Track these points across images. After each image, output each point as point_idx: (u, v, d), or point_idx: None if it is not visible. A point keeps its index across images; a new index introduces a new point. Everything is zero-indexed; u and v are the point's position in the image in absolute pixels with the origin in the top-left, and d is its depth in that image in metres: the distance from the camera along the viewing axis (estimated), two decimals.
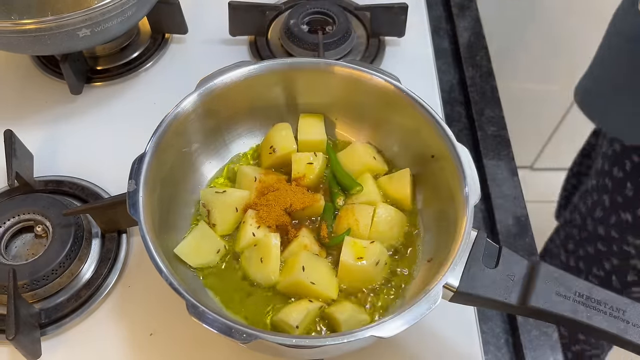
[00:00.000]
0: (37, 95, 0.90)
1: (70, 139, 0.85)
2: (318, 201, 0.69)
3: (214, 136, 0.73)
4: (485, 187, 0.86)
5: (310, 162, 0.72)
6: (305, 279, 0.62)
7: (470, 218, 0.58)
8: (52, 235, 0.69)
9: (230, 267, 0.67)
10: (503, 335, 0.74)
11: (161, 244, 0.59)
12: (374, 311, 0.64)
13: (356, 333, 0.51)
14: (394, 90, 0.69)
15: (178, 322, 0.67)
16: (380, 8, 0.94)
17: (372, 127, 0.76)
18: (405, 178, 0.71)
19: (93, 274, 0.70)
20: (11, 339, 0.59)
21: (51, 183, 0.78)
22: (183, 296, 0.53)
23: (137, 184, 0.60)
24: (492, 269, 0.56)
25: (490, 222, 0.83)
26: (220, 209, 0.68)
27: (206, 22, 0.99)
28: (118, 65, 0.93)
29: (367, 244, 0.65)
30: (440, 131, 0.65)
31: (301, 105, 0.76)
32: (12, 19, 0.81)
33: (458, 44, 1.04)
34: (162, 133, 0.64)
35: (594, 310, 0.53)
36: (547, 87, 1.80)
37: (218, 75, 0.69)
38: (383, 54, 0.95)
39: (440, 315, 0.63)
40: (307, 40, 0.91)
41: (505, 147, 0.91)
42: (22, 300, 0.64)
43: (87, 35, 0.76)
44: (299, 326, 0.60)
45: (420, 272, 0.66)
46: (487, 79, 0.99)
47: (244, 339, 0.51)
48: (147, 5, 0.83)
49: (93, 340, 0.67)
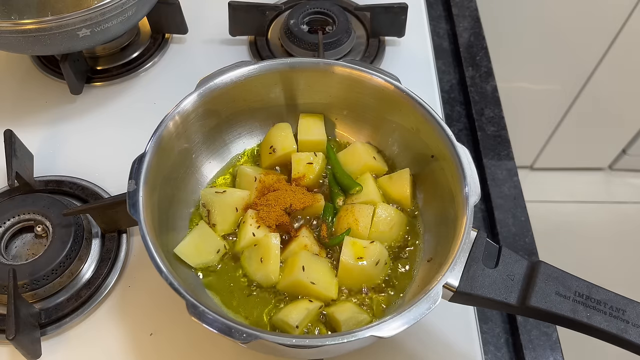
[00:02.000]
0: (37, 95, 0.90)
1: (70, 139, 0.85)
2: (318, 201, 0.69)
3: (214, 136, 0.73)
4: (485, 187, 0.86)
5: (310, 162, 0.72)
6: (305, 279, 0.62)
7: (470, 218, 0.58)
8: (52, 235, 0.69)
9: (230, 267, 0.67)
10: (503, 335, 0.74)
11: (161, 244, 0.59)
12: (374, 311, 0.64)
13: (356, 333, 0.51)
14: (394, 90, 0.69)
15: (178, 322, 0.67)
16: (380, 8, 0.94)
17: (372, 127, 0.76)
18: (405, 178, 0.71)
19: (93, 273, 0.70)
20: (11, 339, 0.59)
21: (51, 183, 0.78)
22: (183, 296, 0.53)
23: (137, 184, 0.60)
24: (492, 269, 0.56)
25: (490, 222, 0.83)
26: (220, 209, 0.68)
27: (206, 22, 0.99)
28: (118, 65, 0.93)
29: (367, 244, 0.65)
30: (440, 131, 0.65)
31: (301, 105, 0.76)
32: (12, 19, 0.81)
33: (458, 44, 1.04)
34: (162, 133, 0.64)
35: (593, 310, 0.53)
36: (547, 87, 1.79)
37: (218, 75, 0.69)
38: (383, 54, 0.95)
39: (440, 315, 0.63)
40: (307, 40, 0.91)
41: (505, 147, 0.91)
42: (22, 300, 0.64)
43: (87, 35, 0.76)
44: (298, 326, 0.60)
45: (420, 272, 0.66)
46: (487, 79, 0.99)
47: (244, 339, 0.51)
48: (147, 5, 0.83)
49: (93, 340, 0.67)
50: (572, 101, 1.83)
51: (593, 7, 1.53)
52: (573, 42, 1.63)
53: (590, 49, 1.66)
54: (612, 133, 2.00)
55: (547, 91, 1.81)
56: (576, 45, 1.64)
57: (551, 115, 1.90)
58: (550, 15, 1.56)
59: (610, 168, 2.20)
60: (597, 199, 2.17)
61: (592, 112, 1.87)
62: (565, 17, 1.56)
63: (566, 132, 1.94)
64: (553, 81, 1.77)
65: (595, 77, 1.73)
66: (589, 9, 1.53)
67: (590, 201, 2.16)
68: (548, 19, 1.57)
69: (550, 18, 1.57)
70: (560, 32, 1.60)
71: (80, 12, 0.73)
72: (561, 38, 1.62)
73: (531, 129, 1.94)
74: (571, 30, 1.60)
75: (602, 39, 1.63)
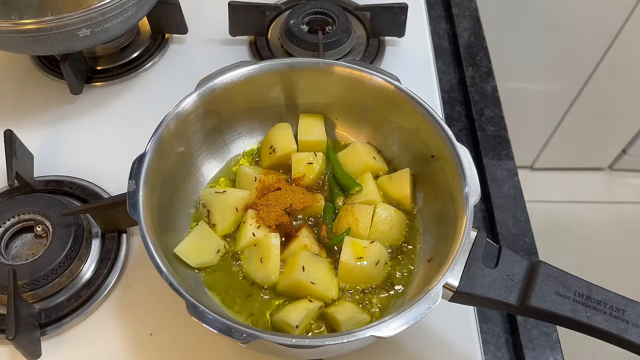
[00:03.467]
0: (37, 95, 0.90)
1: (70, 139, 0.85)
2: (318, 201, 0.69)
3: (214, 136, 0.73)
4: (485, 187, 0.86)
5: (310, 162, 0.72)
6: (305, 279, 0.62)
7: (470, 218, 0.58)
8: (52, 235, 0.69)
9: (230, 267, 0.67)
10: (503, 335, 0.74)
11: (161, 244, 0.59)
12: (374, 311, 0.64)
13: (356, 333, 0.51)
14: (394, 90, 0.69)
15: (178, 322, 0.67)
16: (380, 8, 0.94)
17: (372, 127, 0.76)
18: (405, 178, 0.71)
19: (93, 273, 0.70)
20: (11, 339, 0.59)
21: (51, 183, 0.78)
22: (183, 296, 0.53)
23: (137, 184, 0.60)
24: (492, 269, 0.56)
25: (490, 222, 0.83)
26: (220, 209, 0.68)
27: (206, 22, 0.99)
28: (118, 65, 0.93)
29: (367, 244, 0.65)
30: (440, 131, 0.65)
31: (301, 105, 0.76)
32: (12, 19, 0.81)
33: (458, 44, 1.04)
34: (162, 133, 0.64)
35: (593, 310, 0.53)
36: (547, 87, 1.79)
37: (218, 75, 0.69)
38: (383, 54, 0.95)
39: (440, 315, 0.63)
40: (307, 40, 0.91)
41: (505, 147, 0.91)
42: (22, 300, 0.64)
43: (87, 35, 0.76)
44: (298, 326, 0.60)
45: (420, 272, 0.66)
46: (487, 79, 0.99)
47: (244, 338, 0.51)
48: (147, 5, 0.83)
49: (93, 340, 0.67)
50: (572, 101, 1.83)
51: (593, 7, 1.53)
52: (573, 42, 1.63)
53: (590, 49, 1.66)
54: (612, 133, 2.00)
55: (547, 91, 1.81)
56: (576, 45, 1.64)
57: (551, 115, 1.90)
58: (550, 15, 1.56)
59: (610, 168, 2.20)
60: (597, 199, 2.17)
61: (592, 112, 1.87)
62: (565, 17, 1.56)
63: (566, 132, 1.94)
64: (553, 81, 1.77)
65: (595, 77, 1.73)
66: (589, 8, 1.53)
67: (590, 201, 2.16)
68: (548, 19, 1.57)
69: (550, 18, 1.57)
70: (560, 32, 1.61)
71: (80, 12, 0.73)
72: (561, 38, 1.62)
73: (531, 129, 1.94)
74: (571, 30, 1.60)
75: (602, 39, 1.63)
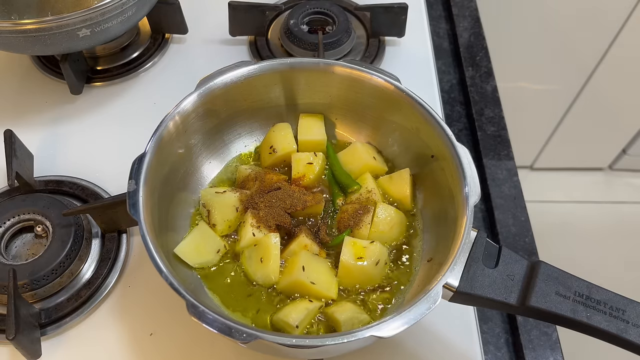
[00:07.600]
0: (37, 95, 0.90)
1: (70, 139, 0.85)
2: (318, 201, 0.69)
3: (214, 136, 0.73)
4: (485, 187, 0.86)
5: (310, 162, 0.72)
6: (305, 279, 0.62)
7: (470, 218, 0.58)
8: (52, 235, 0.69)
9: (230, 267, 0.67)
10: (503, 335, 0.74)
11: (161, 244, 0.59)
12: (374, 311, 0.64)
13: (356, 333, 0.51)
14: (394, 90, 0.69)
15: (178, 322, 0.67)
16: (380, 8, 0.94)
17: (372, 127, 0.76)
18: (405, 178, 0.71)
19: (93, 274, 0.70)
20: (11, 339, 0.59)
21: (51, 183, 0.78)
22: (183, 296, 0.53)
23: (137, 184, 0.60)
24: (492, 269, 0.56)
25: (490, 222, 0.83)
26: (220, 209, 0.68)
27: (206, 22, 0.99)
28: (118, 65, 0.93)
29: (367, 244, 0.65)
30: (440, 131, 0.65)
31: (301, 105, 0.76)
32: (12, 19, 0.81)
33: (458, 44, 1.04)
34: (162, 133, 0.64)
35: (593, 310, 0.53)
36: (547, 87, 1.79)
37: (218, 75, 0.69)
38: (383, 54, 0.95)
39: (440, 315, 0.63)
40: (307, 40, 0.91)
41: (505, 147, 0.91)
42: (22, 300, 0.64)
43: (87, 35, 0.76)
44: (298, 326, 0.60)
45: (420, 272, 0.66)
46: (487, 79, 0.99)
47: (244, 338, 0.51)
48: (147, 5, 0.83)
49: (93, 340, 0.67)
50: (572, 101, 1.83)
51: (593, 7, 1.53)
52: (573, 42, 1.63)
53: (590, 49, 1.66)
54: (612, 133, 2.00)
55: (547, 91, 1.81)
56: (576, 45, 1.64)
57: (551, 115, 1.90)
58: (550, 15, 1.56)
59: (610, 168, 2.20)
60: (597, 199, 2.17)
61: (592, 112, 1.87)
62: (565, 16, 1.56)
63: (566, 132, 1.94)
64: (553, 81, 1.77)
65: (595, 77, 1.73)
66: (589, 8, 1.53)
67: (590, 201, 2.16)
68: (548, 19, 1.57)
69: (550, 18, 1.57)
70: (560, 32, 1.60)
71: (80, 12, 0.73)
72: (561, 38, 1.62)
73: (531, 129, 1.94)
74: (571, 30, 1.60)
75: (602, 39, 1.63)
